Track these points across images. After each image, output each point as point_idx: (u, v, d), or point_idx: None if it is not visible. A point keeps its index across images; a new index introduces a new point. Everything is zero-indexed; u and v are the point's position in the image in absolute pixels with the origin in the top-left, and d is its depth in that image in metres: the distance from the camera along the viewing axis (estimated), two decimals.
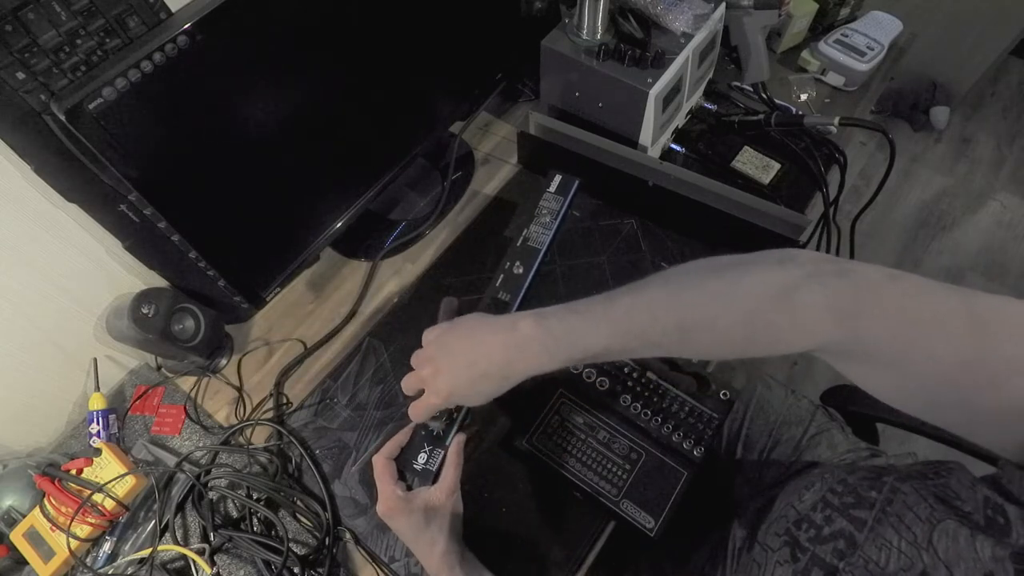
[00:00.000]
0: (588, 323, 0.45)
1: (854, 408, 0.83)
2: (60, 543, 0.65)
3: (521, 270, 0.68)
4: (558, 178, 0.74)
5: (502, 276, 0.67)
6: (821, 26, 1.04)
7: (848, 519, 0.50)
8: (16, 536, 0.67)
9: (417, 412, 0.53)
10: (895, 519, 0.46)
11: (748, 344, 0.41)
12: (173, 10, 0.58)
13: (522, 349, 0.46)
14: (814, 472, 0.68)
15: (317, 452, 0.72)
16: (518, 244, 0.69)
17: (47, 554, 0.66)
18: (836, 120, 0.82)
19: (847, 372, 0.40)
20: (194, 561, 0.65)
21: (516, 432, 0.70)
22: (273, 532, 0.67)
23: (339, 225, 0.79)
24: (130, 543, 0.68)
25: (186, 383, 0.80)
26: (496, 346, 0.47)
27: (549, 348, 0.45)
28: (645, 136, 0.84)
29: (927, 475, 0.47)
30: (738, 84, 0.98)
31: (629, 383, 0.71)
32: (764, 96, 0.94)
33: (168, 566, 0.66)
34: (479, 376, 0.48)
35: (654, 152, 0.88)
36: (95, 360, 0.76)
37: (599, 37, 0.82)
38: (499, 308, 0.65)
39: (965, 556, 0.38)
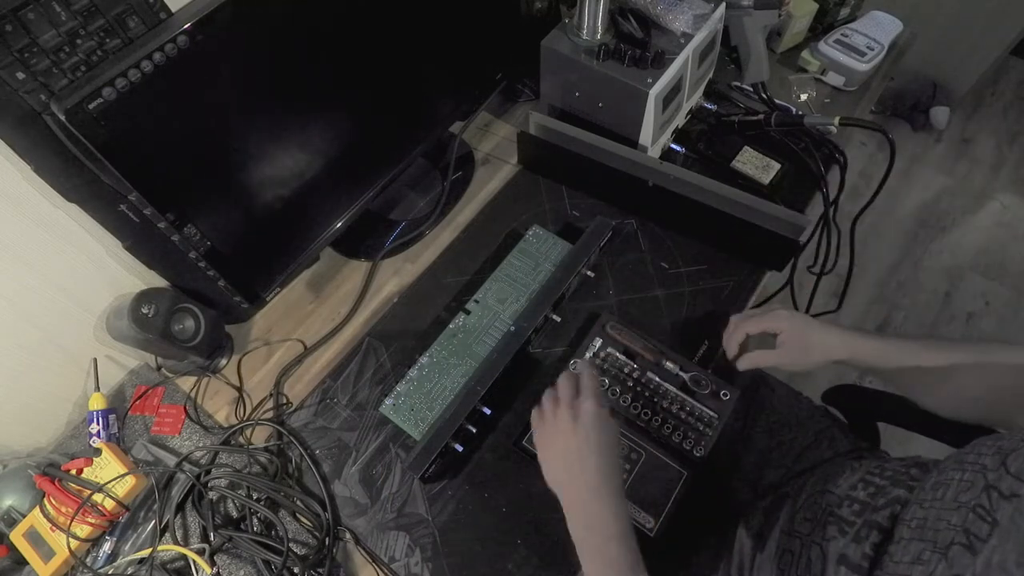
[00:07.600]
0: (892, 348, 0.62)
1: (855, 408, 0.82)
2: (60, 543, 0.65)
3: (558, 319, 0.78)
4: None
5: (543, 320, 0.75)
6: (821, 26, 1.04)
7: (905, 488, 0.51)
8: (16, 536, 0.67)
9: (763, 360, 0.67)
10: (957, 463, 0.45)
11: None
12: (173, 10, 0.58)
13: (852, 352, 0.63)
14: (840, 463, 0.68)
15: (317, 452, 0.73)
16: (569, 293, 0.76)
17: (47, 554, 0.66)
18: (836, 120, 0.82)
19: None
20: (194, 561, 0.65)
21: (516, 432, 0.70)
22: (273, 532, 0.67)
23: (339, 225, 0.79)
24: (130, 543, 0.68)
25: (186, 383, 0.80)
26: (836, 341, 0.64)
27: (866, 360, 0.63)
28: (645, 136, 0.84)
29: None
30: (738, 84, 0.98)
31: (629, 383, 0.71)
32: (764, 96, 0.94)
33: (168, 566, 0.66)
34: (821, 360, 0.64)
35: (654, 152, 0.88)
36: (95, 360, 0.76)
37: (599, 37, 0.82)
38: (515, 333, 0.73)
39: None
